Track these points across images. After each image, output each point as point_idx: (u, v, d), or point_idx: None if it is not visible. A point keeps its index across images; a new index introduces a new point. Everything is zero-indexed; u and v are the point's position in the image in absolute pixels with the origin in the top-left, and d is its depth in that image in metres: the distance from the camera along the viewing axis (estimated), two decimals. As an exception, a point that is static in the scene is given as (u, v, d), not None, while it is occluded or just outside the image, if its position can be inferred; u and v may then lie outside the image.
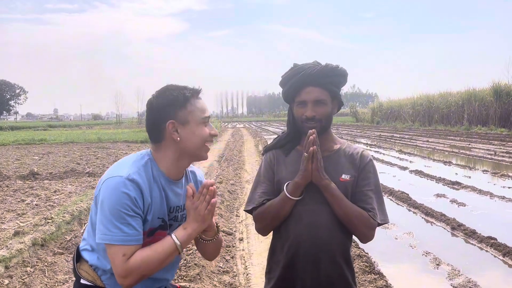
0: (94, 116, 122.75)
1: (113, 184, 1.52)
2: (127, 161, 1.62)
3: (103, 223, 1.50)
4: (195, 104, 1.64)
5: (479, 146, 17.55)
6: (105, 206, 1.50)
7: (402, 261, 4.95)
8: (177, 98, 1.61)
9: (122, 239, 1.49)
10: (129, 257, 1.50)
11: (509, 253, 4.80)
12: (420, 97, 40.59)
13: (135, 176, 1.54)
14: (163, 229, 1.65)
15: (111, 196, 1.50)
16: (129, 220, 1.50)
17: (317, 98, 1.77)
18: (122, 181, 1.52)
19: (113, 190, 1.51)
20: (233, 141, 23.48)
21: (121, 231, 1.49)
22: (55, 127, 53.83)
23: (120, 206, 1.49)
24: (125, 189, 1.50)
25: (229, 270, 4.45)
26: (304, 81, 1.77)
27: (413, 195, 7.76)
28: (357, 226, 1.76)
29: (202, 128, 1.64)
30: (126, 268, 1.49)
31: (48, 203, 7.08)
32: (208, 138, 1.66)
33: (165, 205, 1.64)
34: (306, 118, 1.78)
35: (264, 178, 1.89)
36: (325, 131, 1.83)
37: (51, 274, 4.31)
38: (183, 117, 1.61)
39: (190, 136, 1.62)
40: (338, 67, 1.80)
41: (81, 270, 1.64)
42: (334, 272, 1.78)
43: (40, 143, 22.73)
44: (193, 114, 1.63)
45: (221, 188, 8.39)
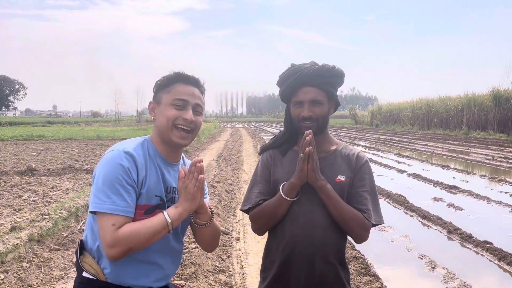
0: (93, 113, 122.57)
1: (109, 156, 1.58)
2: (125, 141, 1.70)
3: (95, 192, 1.54)
4: (176, 87, 1.68)
5: (477, 151, 17.58)
6: (99, 176, 1.55)
7: (398, 263, 4.96)
8: (163, 80, 1.70)
9: (112, 208, 1.51)
10: (119, 227, 1.52)
11: (505, 258, 4.81)
12: (419, 101, 40.69)
13: (130, 150, 1.60)
14: (161, 208, 1.66)
15: (105, 167, 1.55)
16: (121, 191, 1.53)
17: (314, 98, 1.77)
18: (117, 153, 1.58)
19: (107, 161, 1.57)
20: (232, 141, 23.48)
21: (112, 201, 1.52)
22: (54, 124, 53.76)
23: (114, 176, 1.53)
24: (119, 160, 1.55)
25: (225, 269, 4.45)
26: (301, 81, 1.78)
27: (410, 198, 7.77)
28: (352, 227, 1.77)
29: (170, 109, 1.66)
30: (115, 237, 1.50)
31: (45, 199, 7.08)
32: (174, 121, 1.65)
33: (161, 183, 1.67)
34: (303, 118, 1.79)
35: (261, 178, 1.90)
36: (321, 131, 1.84)
37: (47, 270, 4.31)
38: (159, 98, 1.70)
39: (159, 116, 1.68)
40: (335, 67, 1.81)
41: (84, 263, 1.64)
42: (328, 272, 1.79)
43: (38, 139, 22.71)
44: (167, 95, 1.68)
45: (218, 187, 8.39)
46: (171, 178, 1.71)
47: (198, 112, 1.71)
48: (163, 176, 1.67)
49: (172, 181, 1.71)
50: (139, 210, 1.60)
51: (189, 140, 1.70)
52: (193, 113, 1.68)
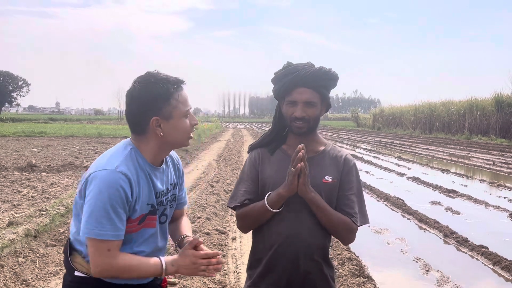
0: (96, 111, 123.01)
1: (103, 178, 1.52)
2: (112, 153, 1.63)
3: (92, 218, 1.50)
4: (178, 98, 1.63)
5: (478, 155, 17.55)
6: (96, 201, 1.50)
7: (393, 266, 4.96)
8: (161, 93, 1.59)
9: (110, 235, 1.51)
10: (114, 252, 1.53)
11: (500, 262, 4.81)
12: (422, 105, 40.61)
13: (123, 168, 1.55)
14: (153, 214, 1.68)
15: (102, 191, 1.50)
16: (113, 216, 1.51)
17: (308, 99, 1.78)
18: (112, 174, 1.52)
19: (104, 184, 1.51)
20: (233, 141, 23.51)
21: (105, 227, 1.50)
22: (56, 121, 53.89)
23: (110, 202, 1.50)
24: (115, 185, 1.51)
25: (220, 268, 4.46)
26: (297, 82, 1.78)
27: (408, 202, 7.78)
28: (340, 232, 1.82)
29: (184, 122, 1.66)
30: (110, 263, 1.53)
31: (44, 195, 7.11)
32: (190, 130, 1.69)
33: (153, 191, 1.66)
34: (295, 118, 1.80)
35: (247, 177, 1.91)
36: (311, 132, 1.86)
37: (42, 265, 4.33)
38: (167, 113, 1.61)
39: (173, 130, 1.64)
40: (330, 70, 1.82)
41: (75, 262, 1.64)
42: (313, 269, 1.81)
43: (40, 136, 22.80)
44: (177, 109, 1.63)
45: (217, 187, 8.42)
46: (159, 181, 1.70)
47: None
48: (153, 183, 1.67)
49: (160, 184, 1.70)
50: (133, 223, 1.61)
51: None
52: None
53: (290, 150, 1.87)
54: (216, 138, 26.41)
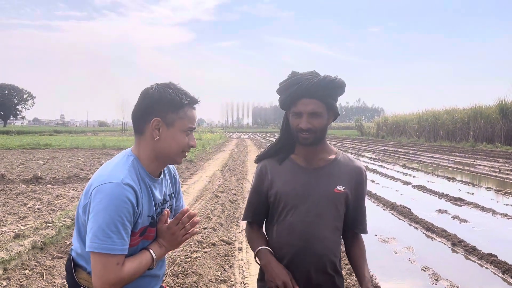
0: (100, 123, 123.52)
1: (109, 191, 1.49)
2: (115, 164, 1.61)
3: (101, 232, 1.47)
4: (187, 112, 1.64)
5: (484, 163, 17.45)
6: (101, 214, 1.47)
7: (401, 275, 4.91)
8: (174, 100, 1.60)
9: (119, 249, 1.49)
10: (121, 264, 1.52)
11: (509, 271, 4.75)
12: (426, 113, 40.54)
13: (128, 181, 1.53)
14: (152, 226, 1.67)
15: (109, 204, 1.47)
16: (121, 230, 1.49)
17: (313, 110, 1.75)
18: (119, 187, 1.49)
19: (111, 197, 1.48)
20: (237, 151, 23.50)
21: (112, 241, 1.48)
22: (61, 133, 54.16)
23: (118, 215, 1.48)
24: (123, 197, 1.49)
25: (227, 279, 4.44)
26: (300, 93, 1.75)
27: (414, 210, 7.73)
28: None
29: (183, 137, 1.64)
30: (120, 276, 1.51)
31: (50, 207, 7.12)
32: (186, 148, 1.67)
33: (153, 203, 1.65)
34: (301, 129, 1.76)
35: (253, 190, 1.93)
36: (319, 142, 1.82)
37: (49, 277, 4.33)
38: (171, 120, 1.61)
39: (169, 139, 1.62)
40: (336, 79, 1.77)
41: (80, 279, 1.62)
42: (325, 282, 1.79)
43: (45, 148, 22.88)
44: (181, 121, 1.63)
45: (222, 197, 8.40)
46: (157, 193, 1.70)
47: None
48: (152, 195, 1.66)
49: (159, 195, 1.70)
50: (135, 236, 1.60)
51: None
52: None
53: (299, 160, 1.87)
54: (220, 149, 26.42)
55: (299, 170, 1.84)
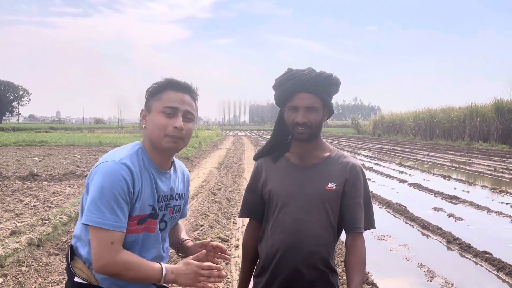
0: (96, 120, 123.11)
1: (107, 168, 1.55)
2: (119, 149, 1.68)
3: (93, 205, 1.51)
4: (168, 94, 1.66)
5: (479, 161, 17.54)
6: (98, 189, 1.51)
7: (397, 273, 4.95)
8: (154, 88, 1.68)
9: (110, 224, 1.51)
10: (117, 246, 1.52)
11: (504, 268, 4.79)
12: (422, 111, 40.68)
13: (126, 161, 1.58)
14: (153, 218, 1.67)
15: (104, 180, 1.52)
16: (114, 206, 1.51)
17: (310, 105, 1.76)
18: (115, 165, 1.55)
19: (106, 173, 1.53)
20: (233, 149, 23.50)
21: (106, 217, 1.50)
22: (57, 130, 53.98)
23: (112, 190, 1.51)
24: (117, 174, 1.53)
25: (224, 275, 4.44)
26: (297, 87, 1.76)
27: (410, 208, 7.77)
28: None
29: (161, 117, 1.63)
30: (114, 258, 1.51)
31: (46, 204, 7.10)
32: (167, 129, 1.63)
33: (155, 193, 1.67)
34: (297, 124, 1.77)
35: (249, 188, 1.96)
36: (314, 137, 1.83)
37: (46, 274, 4.33)
38: (149, 105, 1.68)
39: (150, 124, 1.66)
40: (331, 75, 1.79)
41: (75, 268, 1.63)
42: (318, 278, 1.80)
43: (41, 145, 22.79)
44: (157, 102, 1.65)
45: (219, 195, 8.41)
46: (163, 186, 1.70)
47: (188, 119, 1.68)
48: (156, 186, 1.67)
49: (164, 188, 1.71)
50: (132, 221, 1.60)
51: (180, 145, 1.67)
52: (183, 120, 1.65)
53: (293, 158, 1.87)
54: (217, 146, 26.41)
55: (293, 168, 1.85)
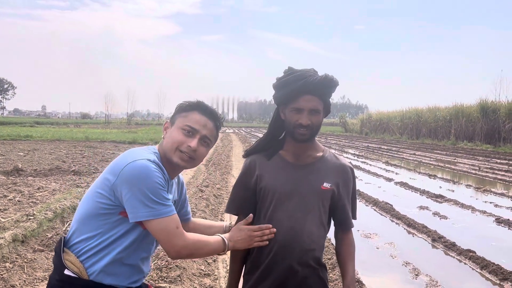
0: (83, 115, 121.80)
1: (142, 165, 1.59)
2: (141, 151, 1.72)
3: (141, 202, 1.56)
4: (194, 115, 1.75)
5: (464, 161, 17.79)
6: (140, 185, 1.56)
7: (382, 270, 5.00)
8: (184, 105, 1.79)
9: (165, 211, 1.59)
10: (181, 229, 1.62)
11: (487, 266, 4.87)
12: (409, 111, 41.05)
13: (157, 161, 1.67)
14: None
15: (144, 175, 1.57)
16: (165, 195, 1.61)
17: (314, 107, 1.78)
18: (149, 163, 1.61)
19: (144, 169, 1.58)
20: (221, 146, 23.45)
21: (163, 205, 1.58)
22: (42, 124, 53.24)
23: (156, 183, 1.58)
24: (155, 169, 1.61)
25: (210, 273, 4.45)
26: (304, 89, 1.76)
27: (396, 206, 7.85)
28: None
29: (179, 133, 1.72)
30: (185, 241, 1.62)
31: (31, 200, 7.01)
32: (180, 145, 1.72)
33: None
34: (300, 125, 1.78)
35: (240, 184, 1.94)
36: (313, 138, 1.87)
37: (30, 270, 4.27)
38: (174, 119, 1.78)
39: (168, 136, 1.76)
40: (333, 78, 1.82)
41: (66, 260, 1.63)
42: (310, 275, 1.83)
43: (26, 140, 22.46)
44: (181, 119, 1.75)
45: (207, 192, 8.39)
46: (169, 192, 1.76)
47: (205, 143, 1.78)
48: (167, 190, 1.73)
49: (170, 195, 1.76)
50: None
51: (190, 165, 1.76)
52: (199, 143, 1.74)
53: (288, 156, 1.89)
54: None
55: (288, 166, 1.87)
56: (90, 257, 1.63)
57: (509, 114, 26.88)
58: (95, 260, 1.63)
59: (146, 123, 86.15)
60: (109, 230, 1.64)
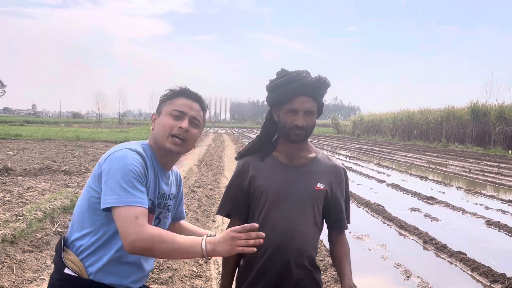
0: (74, 114, 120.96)
1: (121, 154, 1.60)
2: (127, 143, 1.72)
3: (111, 189, 1.53)
4: (179, 100, 1.75)
5: (455, 163, 17.93)
6: (114, 172, 1.54)
7: (374, 272, 5.01)
8: (167, 94, 1.78)
9: (130, 200, 1.52)
10: (142, 220, 1.51)
11: (478, 268, 4.90)
12: (400, 113, 41.29)
13: (139, 150, 1.65)
14: (151, 212, 1.69)
15: (120, 163, 1.56)
16: (137, 185, 1.56)
17: (309, 108, 1.79)
18: (129, 151, 1.61)
19: (122, 158, 1.58)
20: (214, 146, 23.41)
21: (130, 194, 1.53)
22: (33, 123, 52.75)
23: (129, 171, 1.55)
24: (133, 157, 1.59)
25: (202, 274, 4.42)
26: (299, 90, 1.77)
27: (388, 208, 7.88)
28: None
29: (168, 119, 1.72)
30: (140, 231, 1.48)
31: (20, 200, 6.93)
32: (173, 130, 1.70)
33: (157, 189, 1.72)
34: (296, 127, 1.78)
35: (233, 186, 1.93)
36: (307, 139, 1.88)
37: (19, 271, 4.22)
38: (160, 109, 1.77)
39: (157, 126, 1.75)
40: (326, 79, 1.83)
41: (67, 259, 1.62)
42: (305, 276, 1.83)
43: (15, 139, 22.24)
44: (168, 106, 1.75)
45: (199, 192, 8.36)
46: (164, 184, 1.76)
47: (194, 124, 1.76)
48: (158, 182, 1.72)
49: (164, 187, 1.76)
50: None
51: (183, 148, 1.72)
52: (189, 124, 1.73)
53: (281, 157, 1.89)
54: (197, 143, 26.23)
55: (281, 167, 1.87)
56: (89, 256, 1.62)
57: (499, 116, 27.14)
58: (95, 259, 1.62)
59: (138, 122, 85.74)
60: (103, 226, 1.62)
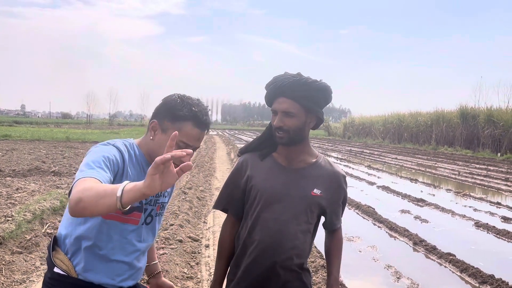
0: (64, 114, 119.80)
1: (99, 146, 1.61)
2: (111, 140, 1.70)
3: (79, 170, 1.49)
4: (187, 127, 1.65)
5: (444, 165, 18.08)
6: (86, 158, 1.54)
7: (365, 273, 5.04)
8: (174, 109, 1.65)
9: (89, 174, 1.41)
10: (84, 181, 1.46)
11: (467, 270, 4.95)
12: (391, 115, 41.56)
13: (117, 144, 1.64)
14: (139, 211, 1.68)
15: (93, 151, 1.57)
16: (103, 166, 1.50)
17: (286, 109, 1.77)
18: (106, 145, 1.62)
19: (97, 149, 1.58)
20: (205, 148, 23.35)
21: (93, 171, 1.44)
22: (21, 124, 52.13)
23: (100, 156, 1.53)
24: (109, 149, 1.58)
25: (193, 276, 4.41)
26: (277, 92, 1.79)
27: (378, 210, 7.92)
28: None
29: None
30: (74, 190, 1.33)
31: (9, 201, 6.85)
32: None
33: None
34: (276, 128, 1.81)
35: (230, 182, 1.95)
36: (294, 143, 1.83)
37: (8, 273, 4.17)
38: (165, 127, 1.66)
39: (157, 142, 1.67)
40: (315, 82, 1.79)
41: (56, 258, 1.64)
42: (292, 279, 1.83)
43: (4, 139, 21.99)
44: (174, 130, 1.61)
45: (190, 194, 8.33)
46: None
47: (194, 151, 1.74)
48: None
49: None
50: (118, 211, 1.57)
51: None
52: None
53: (280, 159, 1.90)
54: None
55: (279, 169, 1.87)
56: (75, 254, 1.63)
57: (488, 120, 27.44)
58: (80, 257, 1.63)
59: (129, 124, 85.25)
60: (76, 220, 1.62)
